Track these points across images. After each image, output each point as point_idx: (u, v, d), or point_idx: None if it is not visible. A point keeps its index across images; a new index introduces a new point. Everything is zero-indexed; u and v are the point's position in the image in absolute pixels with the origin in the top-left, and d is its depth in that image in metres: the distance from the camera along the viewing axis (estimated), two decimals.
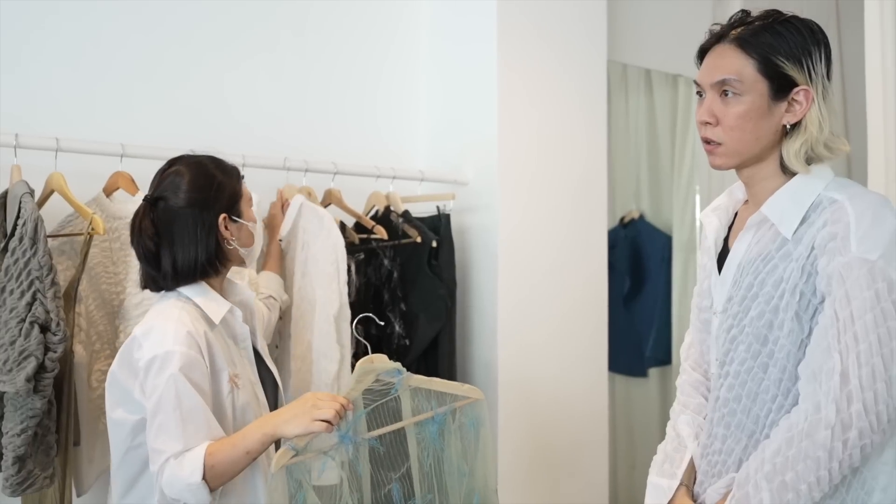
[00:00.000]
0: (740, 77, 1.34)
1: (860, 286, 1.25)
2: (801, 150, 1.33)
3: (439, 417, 1.65)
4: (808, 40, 1.33)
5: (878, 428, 1.23)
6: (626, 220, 3.99)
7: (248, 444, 1.49)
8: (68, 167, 2.05)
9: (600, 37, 2.93)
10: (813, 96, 1.32)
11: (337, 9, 2.77)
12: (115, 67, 2.34)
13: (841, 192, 1.31)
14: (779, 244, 1.35)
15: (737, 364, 1.39)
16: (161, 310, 1.61)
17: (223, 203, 1.63)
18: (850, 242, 1.26)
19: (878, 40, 2.34)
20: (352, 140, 2.76)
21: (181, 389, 1.50)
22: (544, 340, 2.74)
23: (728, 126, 1.36)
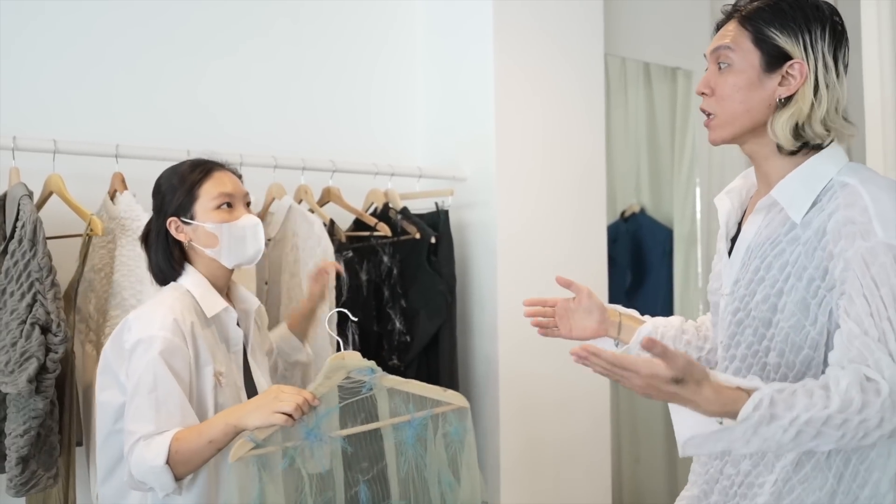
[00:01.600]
0: (734, 46, 1.34)
1: (888, 272, 1.21)
2: (787, 124, 1.31)
3: (416, 422, 1.62)
4: (810, 16, 1.31)
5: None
6: (626, 214, 3.98)
7: (212, 434, 1.49)
8: (66, 169, 2.06)
9: (597, 31, 2.93)
10: (808, 71, 1.30)
11: (333, 6, 2.77)
12: (112, 69, 2.35)
13: (853, 175, 1.29)
14: (787, 228, 1.33)
15: (743, 347, 1.37)
16: (158, 297, 1.68)
17: (172, 207, 1.68)
18: (873, 227, 1.23)
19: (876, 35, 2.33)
20: (349, 137, 2.76)
21: (159, 373, 1.53)
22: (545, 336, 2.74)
23: (720, 95, 1.36)
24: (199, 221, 1.66)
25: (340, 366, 1.56)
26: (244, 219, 1.69)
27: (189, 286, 1.68)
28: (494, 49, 2.65)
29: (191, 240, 1.68)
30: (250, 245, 1.69)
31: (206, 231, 1.66)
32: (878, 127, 2.32)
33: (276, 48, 2.65)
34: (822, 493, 1.27)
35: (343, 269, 2.27)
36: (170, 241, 1.70)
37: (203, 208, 1.67)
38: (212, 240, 1.66)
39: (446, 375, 2.52)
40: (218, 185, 1.68)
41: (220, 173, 1.70)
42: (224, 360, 1.67)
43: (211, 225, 1.65)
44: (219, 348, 1.67)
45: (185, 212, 1.67)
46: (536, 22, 2.77)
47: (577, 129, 2.86)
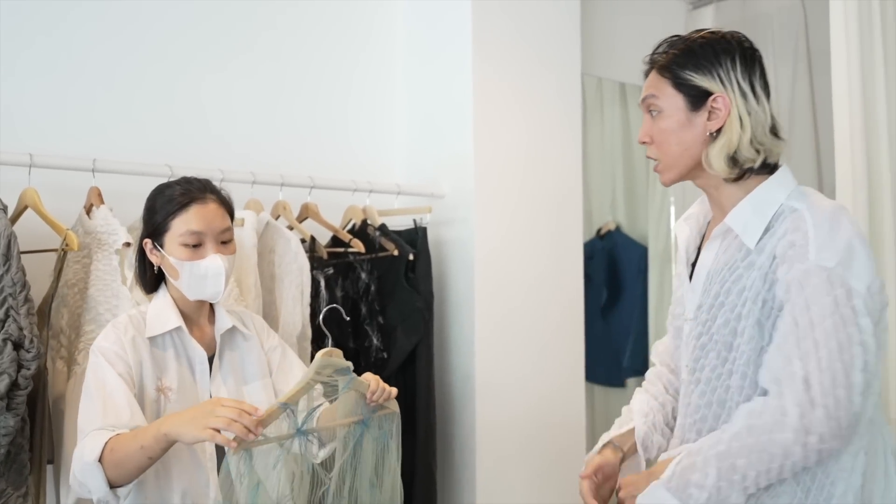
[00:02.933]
0: (658, 94, 1.44)
1: (819, 293, 1.28)
2: (722, 151, 1.38)
3: (366, 421, 1.63)
4: (719, 50, 1.40)
5: (839, 433, 1.25)
6: (602, 231, 4.02)
7: (144, 440, 1.46)
8: (42, 183, 2.04)
9: (574, 51, 2.96)
10: (730, 101, 1.38)
11: (311, 22, 2.78)
12: (89, 83, 2.34)
13: (801, 201, 1.36)
14: (744, 254, 1.39)
15: (707, 371, 1.43)
16: (118, 317, 1.73)
17: (149, 228, 1.69)
18: (808, 250, 1.30)
19: (843, 42, 2.38)
20: (328, 154, 2.76)
21: (102, 376, 1.57)
22: (522, 351, 2.75)
23: (658, 142, 1.45)
24: (166, 252, 1.66)
25: (329, 363, 1.56)
26: (207, 260, 1.65)
27: (150, 305, 1.71)
28: (473, 67, 2.67)
29: (160, 264, 1.69)
30: (210, 286, 1.67)
31: (170, 263, 1.66)
32: (847, 145, 2.37)
33: (256, 65, 2.65)
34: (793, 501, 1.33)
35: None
36: (146, 260, 1.72)
37: (171, 240, 1.66)
38: (174, 272, 1.67)
39: (423, 392, 2.51)
40: (190, 222, 1.64)
41: (198, 207, 1.66)
42: (177, 376, 1.66)
43: (174, 259, 1.66)
44: (172, 365, 1.67)
45: (158, 238, 1.68)
46: (514, 42, 2.80)
47: (555, 148, 2.88)
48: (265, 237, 2.33)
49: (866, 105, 2.37)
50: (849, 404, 1.25)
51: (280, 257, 2.31)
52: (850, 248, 1.30)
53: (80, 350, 1.98)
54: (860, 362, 1.26)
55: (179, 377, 1.67)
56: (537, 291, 2.80)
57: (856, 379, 1.25)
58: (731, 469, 1.30)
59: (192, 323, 1.73)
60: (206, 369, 1.70)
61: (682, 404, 1.50)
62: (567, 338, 2.88)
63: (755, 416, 1.31)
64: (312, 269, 2.33)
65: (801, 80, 3.48)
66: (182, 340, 1.70)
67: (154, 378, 1.64)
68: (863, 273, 1.29)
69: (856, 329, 1.26)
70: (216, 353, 1.73)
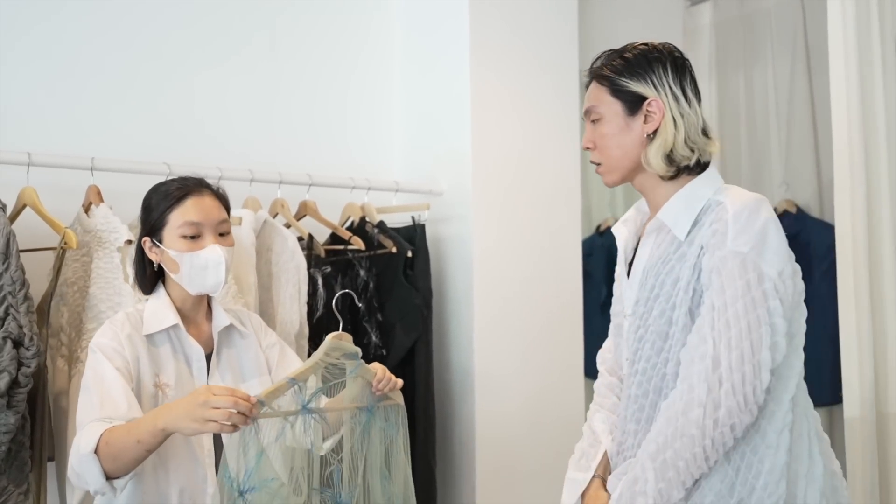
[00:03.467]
0: (596, 103, 1.54)
1: (733, 276, 1.37)
2: (659, 151, 1.48)
3: (371, 408, 1.64)
4: (651, 59, 1.51)
5: (746, 408, 1.34)
6: (602, 228, 4.02)
7: (140, 433, 1.46)
8: (39, 181, 2.05)
9: (572, 48, 2.97)
10: (663, 104, 1.48)
11: (309, 21, 2.78)
12: (87, 82, 2.35)
13: (725, 194, 1.46)
14: (675, 246, 1.48)
15: (643, 361, 1.50)
16: (115, 315, 1.73)
17: (147, 226, 1.70)
18: (727, 237, 1.39)
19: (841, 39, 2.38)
20: (326, 151, 2.77)
21: (100, 370, 1.58)
22: (520, 348, 2.76)
23: (601, 147, 1.55)
24: (166, 247, 1.67)
25: (339, 346, 1.59)
26: (207, 250, 1.66)
27: (147, 304, 1.72)
28: (471, 65, 2.68)
29: (160, 261, 1.70)
30: (210, 277, 1.68)
31: (170, 257, 1.67)
32: (845, 142, 2.38)
33: (254, 63, 2.66)
34: (723, 485, 1.40)
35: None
36: (145, 259, 1.72)
37: (170, 234, 1.67)
38: (174, 266, 1.68)
39: (422, 388, 2.52)
40: (188, 213, 1.66)
41: (195, 199, 1.68)
42: (175, 373, 1.68)
43: (174, 252, 1.67)
44: (170, 362, 1.68)
45: (156, 234, 1.69)
46: (512, 39, 2.80)
47: (553, 145, 2.89)
48: (263, 235, 2.33)
49: (864, 102, 2.37)
50: (754, 379, 1.34)
51: (277, 255, 2.32)
52: (763, 235, 1.39)
53: (83, 348, 1.98)
54: (768, 341, 1.35)
55: (177, 374, 1.68)
56: (535, 288, 2.81)
57: (763, 356, 1.34)
58: (664, 466, 1.38)
59: (190, 321, 1.73)
60: (203, 366, 1.71)
61: (624, 397, 1.57)
62: (565, 334, 2.89)
63: (670, 405, 1.40)
64: (310, 268, 2.34)
65: (800, 77, 3.48)
66: (179, 338, 1.71)
67: (152, 374, 1.65)
68: (775, 259, 1.38)
69: (765, 311, 1.35)
70: (214, 350, 1.74)
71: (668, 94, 1.49)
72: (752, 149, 3.64)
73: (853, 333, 2.31)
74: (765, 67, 3.58)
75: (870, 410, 2.31)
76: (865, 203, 2.35)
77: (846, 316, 2.31)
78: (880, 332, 2.35)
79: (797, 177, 3.49)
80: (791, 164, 3.51)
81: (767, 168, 3.58)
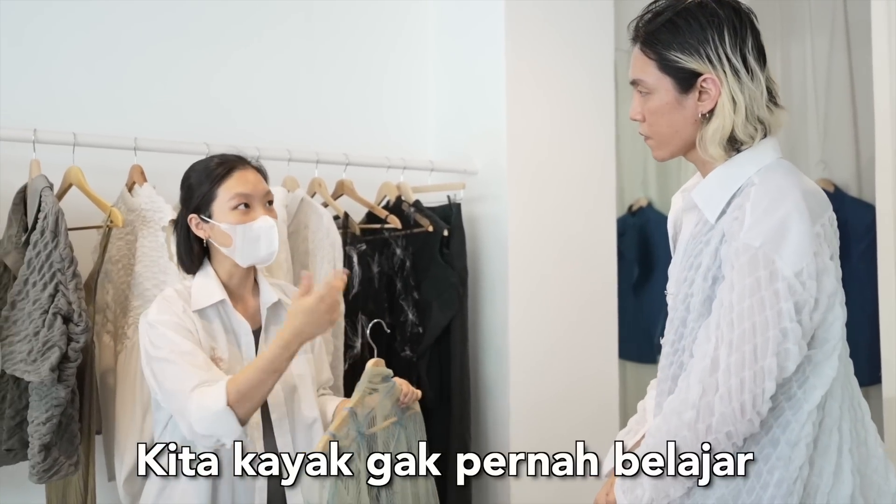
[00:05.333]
0: (644, 77, 1.39)
1: (743, 272, 1.26)
2: (716, 136, 1.33)
3: (401, 421, 1.75)
4: (707, 25, 1.33)
5: (743, 417, 1.24)
6: (634, 208, 4.01)
7: (277, 364, 1.57)
8: (85, 162, 2.08)
9: (608, 27, 2.94)
10: (720, 81, 1.33)
11: (346, 2, 2.79)
12: (130, 63, 2.38)
13: (761, 176, 1.32)
14: (707, 228, 1.37)
15: (668, 346, 1.42)
16: (163, 292, 1.78)
17: (193, 203, 1.73)
18: (743, 227, 1.27)
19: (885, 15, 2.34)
20: (361, 132, 2.79)
21: (173, 339, 1.63)
22: (555, 328, 2.77)
23: (648, 122, 1.41)
24: (216, 221, 1.70)
25: (378, 372, 1.70)
26: (259, 220, 1.71)
27: (195, 280, 1.76)
28: (505, 44, 2.67)
29: (209, 237, 1.73)
30: (263, 247, 1.72)
31: (222, 231, 1.70)
32: (888, 120, 2.35)
33: (289, 43, 2.68)
34: (728, 490, 1.32)
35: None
36: (191, 237, 1.75)
37: (220, 208, 1.70)
38: (226, 239, 1.71)
39: (458, 368, 2.54)
40: (236, 186, 1.71)
41: (241, 172, 1.73)
42: (226, 348, 1.72)
43: (226, 225, 1.70)
44: (221, 336, 1.72)
45: (204, 210, 1.72)
46: (547, 17, 2.79)
47: (587, 124, 2.88)
48: (300, 214, 2.35)
49: None
50: (755, 387, 1.23)
51: (313, 233, 2.33)
52: (782, 229, 1.25)
53: (130, 325, 2.03)
54: (775, 347, 1.23)
55: (228, 349, 1.72)
56: (570, 268, 2.81)
57: (767, 363, 1.23)
58: (656, 465, 1.32)
59: (236, 297, 1.77)
60: (251, 341, 1.74)
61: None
62: (600, 314, 2.89)
63: (670, 401, 1.33)
64: (345, 245, 2.36)
65: (839, 53, 3.42)
66: (227, 313, 1.74)
67: (209, 348, 1.68)
68: (793, 256, 1.24)
69: (775, 313, 1.23)
70: (262, 326, 1.77)
71: (727, 67, 1.32)
72: (788, 127, 3.59)
73: (893, 314, 2.29)
74: (802, 42, 3.52)
75: None
76: None
77: (887, 296, 2.29)
78: None
79: (835, 156, 3.44)
80: (829, 143, 3.46)
81: (804, 146, 3.53)
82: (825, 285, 1.29)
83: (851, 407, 1.37)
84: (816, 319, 1.29)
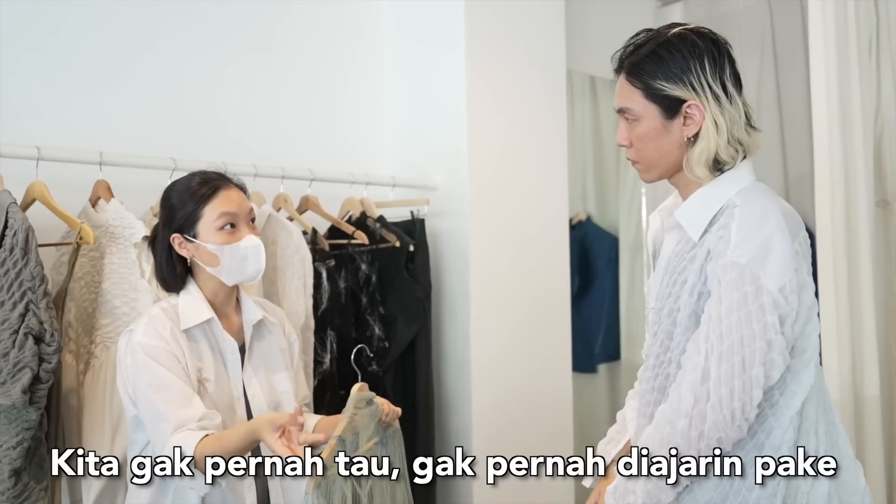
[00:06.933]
0: (631, 105, 1.46)
1: (730, 288, 1.33)
2: (701, 158, 1.41)
3: (383, 440, 1.76)
4: (689, 56, 1.41)
5: (734, 424, 1.31)
6: (573, 221, 4.11)
7: (238, 445, 1.54)
8: (48, 177, 2.02)
9: (560, 45, 3.04)
10: (704, 106, 1.41)
11: (305, 16, 2.79)
12: (92, 77, 2.33)
13: (743, 196, 1.40)
14: (690, 246, 1.44)
15: (653, 358, 1.49)
16: (147, 311, 1.74)
17: (176, 223, 1.70)
18: (729, 245, 1.35)
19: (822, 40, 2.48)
20: (324, 147, 2.79)
21: (154, 370, 1.60)
22: (513, 340, 2.83)
23: (636, 147, 1.48)
24: (202, 241, 1.69)
25: (363, 396, 1.69)
26: (246, 240, 1.70)
27: (180, 298, 1.73)
28: (466, 61, 2.72)
29: (193, 256, 1.71)
30: (251, 266, 1.71)
31: (208, 251, 1.68)
32: (825, 140, 2.50)
33: (252, 57, 2.66)
34: (717, 493, 1.39)
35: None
36: (173, 256, 1.73)
37: (206, 228, 1.69)
38: (213, 259, 1.69)
39: (423, 381, 2.57)
40: (222, 205, 1.69)
41: (226, 191, 1.71)
42: (213, 367, 1.70)
43: (213, 245, 1.68)
44: (208, 356, 1.70)
45: (188, 230, 1.70)
46: (504, 34, 2.86)
47: (542, 140, 2.96)
48: (267, 229, 2.34)
49: (842, 103, 2.48)
50: (744, 395, 1.30)
51: (282, 249, 2.33)
52: (766, 247, 1.33)
53: (97, 344, 1.97)
54: (761, 357, 1.30)
55: (215, 369, 1.70)
56: (528, 280, 2.88)
57: (755, 372, 1.30)
58: (650, 471, 1.37)
59: (221, 314, 1.75)
60: (237, 359, 1.73)
61: (641, 389, 1.57)
62: (555, 325, 2.97)
63: (662, 411, 1.39)
64: (314, 261, 2.36)
65: (767, 76, 3.62)
66: (213, 332, 1.72)
67: (195, 369, 1.67)
68: (777, 272, 1.33)
69: (761, 326, 1.31)
70: (246, 344, 1.76)
71: (709, 93, 1.40)
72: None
73: (833, 322, 2.43)
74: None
75: (848, 394, 2.45)
76: (844, 198, 2.48)
77: (826, 306, 2.43)
78: (857, 320, 2.48)
79: (764, 173, 3.60)
80: (759, 161, 3.59)
81: None
82: (805, 299, 1.38)
83: (825, 411, 1.45)
84: (797, 331, 1.38)
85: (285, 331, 1.87)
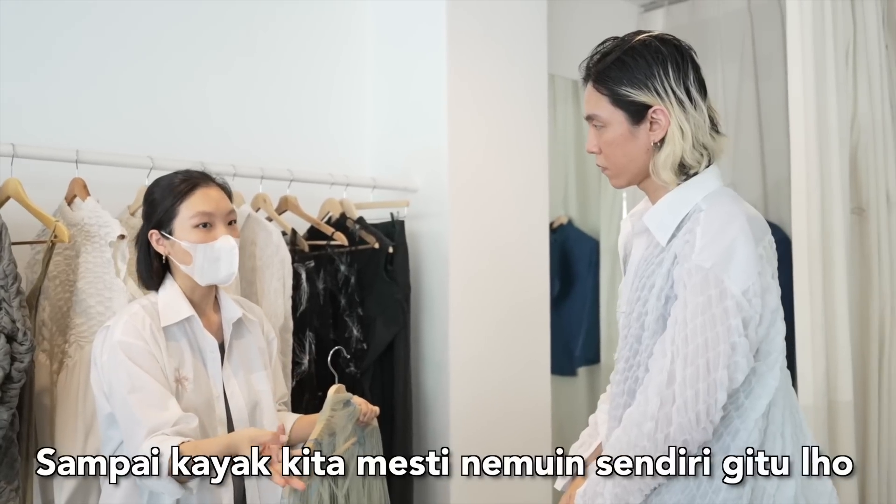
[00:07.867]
0: (599, 112, 1.48)
1: (695, 292, 1.35)
2: (667, 162, 1.44)
3: (361, 439, 1.76)
4: (652, 62, 1.44)
5: (699, 426, 1.33)
6: (554, 225, 4.13)
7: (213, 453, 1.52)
8: (23, 174, 2.00)
9: (541, 48, 3.05)
10: (669, 111, 1.43)
11: (285, 15, 2.78)
12: (68, 75, 2.30)
13: (709, 201, 1.43)
14: (658, 251, 1.46)
15: (622, 361, 1.51)
16: (125, 308, 1.72)
17: (154, 219, 1.70)
18: (694, 249, 1.37)
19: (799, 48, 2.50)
20: (304, 147, 2.78)
21: (131, 371, 1.58)
22: (492, 342, 2.83)
23: (605, 153, 1.50)
24: (177, 238, 1.68)
25: (340, 398, 1.69)
26: (220, 241, 1.69)
27: (160, 296, 1.72)
28: (447, 63, 2.73)
29: (169, 253, 1.70)
30: (224, 267, 1.70)
31: (182, 248, 1.68)
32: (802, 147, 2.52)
33: (232, 57, 2.65)
34: (684, 495, 1.41)
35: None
36: (151, 253, 1.72)
37: (181, 226, 1.68)
38: (186, 257, 1.69)
39: (401, 383, 2.57)
40: (198, 203, 1.68)
41: (204, 189, 1.70)
42: (192, 366, 1.69)
43: (186, 243, 1.67)
44: (188, 354, 1.69)
45: (166, 226, 1.69)
46: (486, 38, 2.86)
47: (523, 143, 2.97)
48: (246, 230, 2.33)
49: (819, 110, 2.50)
50: (708, 398, 1.32)
51: (261, 250, 2.32)
52: (730, 251, 1.35)
53: (72, 343, 1.96)
54: (725, 360, 1.32)
55: (194, 367, 1.69)
56: (508, 283, 2.88)
57: (719, 375, 1.32)
58: (618, 473, 1.39)
59: (200, 312, 1.74)
60: (216, 358, 1.72)
61: (612, 392, 1.59)
62: (534, 328, 2.98)
63: (629, 414, 1.41)
64: (293, 262, 2.36)
65: (747, 83, 3.65)
66: (194, 330, 1.71)
67: (173, 368, 1.66)
68: (741, 276, 1.34)
69: (725, 329, 1.33)
70: (225, 342, 1.76)
71: (673, 99, 1.43)
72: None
73: (807, 328, 2.45)
74: (714, 73, 3.74)
75: (822, 399, 2.47)
76: (820, 205, 2.50)
77: (801, 312, 2.45)
78: (832, 326, 2.50)
79: (743, 178, 3.65)
80: (738, 167, 3.68)
81: None
82: (768, 302, 1.40)
83: (791, 414, 1.48)
84: (761, 334, 1.39)
85: (264, 329, 1.86)
